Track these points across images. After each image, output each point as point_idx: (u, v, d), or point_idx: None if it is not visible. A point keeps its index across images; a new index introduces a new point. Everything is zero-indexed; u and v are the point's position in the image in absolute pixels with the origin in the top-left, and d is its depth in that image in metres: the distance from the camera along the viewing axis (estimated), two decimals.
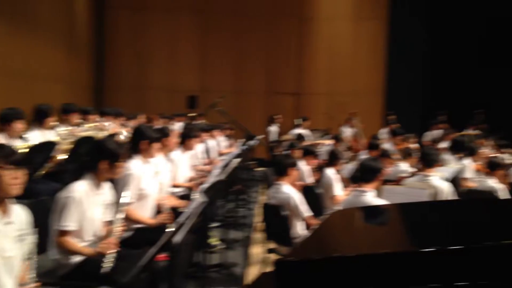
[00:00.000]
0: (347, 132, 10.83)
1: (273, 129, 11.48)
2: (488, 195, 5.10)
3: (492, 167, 5.27)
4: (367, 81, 13.33)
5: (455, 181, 6.43)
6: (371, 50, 13.35)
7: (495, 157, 5.75)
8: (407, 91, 13.22)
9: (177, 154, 5.13)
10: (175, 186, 4.97)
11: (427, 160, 4.80)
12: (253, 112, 12.54)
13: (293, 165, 4.39)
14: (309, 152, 5.94)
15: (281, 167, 4.34)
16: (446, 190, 4.58)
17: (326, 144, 9.25)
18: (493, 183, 5.19)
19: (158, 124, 7.93)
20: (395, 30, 13.20)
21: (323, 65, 13.00)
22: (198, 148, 6.24)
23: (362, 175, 3.75)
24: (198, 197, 2.85)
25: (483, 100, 12.09)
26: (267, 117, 11.90)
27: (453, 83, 13.24)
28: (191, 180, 5.23)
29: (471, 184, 5.90)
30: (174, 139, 4.91)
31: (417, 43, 13.25)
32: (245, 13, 12.54)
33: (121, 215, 3.10)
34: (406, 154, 6.04)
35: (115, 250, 2.90)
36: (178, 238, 2.53)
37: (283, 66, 12.83)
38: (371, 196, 3.65)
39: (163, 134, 4.55)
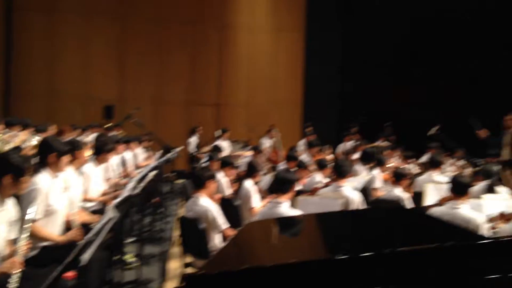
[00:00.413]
0: (267, 143, 11.03)
1: (193, 140, 11.41)
2: (394, 204, 5.42)
3: (397, 177, 5.59)
4: (287, 92, 13.66)
5: (366, 190, 6.78)
6: (290, 61, 13.73)
7: (401, 167, 6.12)
8: (324, 103, 13.73)
9: (89, 167, 4.93)
10: (87, 200, 4.77)
11: (340, 171, 5.01)
12: (173, 122, 12.36)
13: (211, 177, 4.38)
14: (227, 164, 5.96)
15: (199, 179, 4.32)
16: (356, 200, 4.81)
17: (246, 156, 9.36)
18: (399, 192, 5.51)
19: (71, 135, 7.56)
20: (312, 42, 13.68)
21: (243, 76, 13.15)
22: (113, 160, 6.05)
23: (277, 187, 3.83)
24: (108, 212, 2.75)
25: (392, 113, 12.88)
26: (188, 128, 11.81)
27: (365, 95, 13.97)
28: (104, 194, 5.04)
29: (380, 193, 6.23)
30: (86, 151, 4.71)
31: (333, 55, 13.85)
32: (165, 21, 12.36)
33: (26, 233, 2.92)
34: (321, 165, 6.26)
35: (20, 270, 2.76)
36: (86, 255, 2.44)
37: (203, 76, 12.78)
38: (285, 207, 3.74)
39: (74, 146, 4.35)
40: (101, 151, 5.13)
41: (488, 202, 4.45)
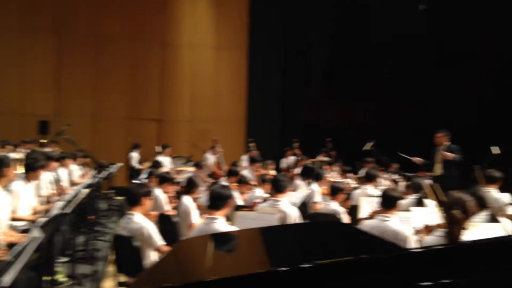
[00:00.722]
0: (211, 159, 11.02)
1: (135, 156, 11.22)
2: (331, 218, 5.56)
3: (333, 192, 5.75)
4: (230, 108, 13.74)
5: (305, 204, 6.92)
6: (233, 78, 13.84)
7: (337, 182, 6.29)
8: (267, 119, 13.91)
9: (19, 184, 4.73)
10: (16, 219, 4.56)
11: (277, 186, 5.08)
12: (113, 138, 12.09)
13: (146, 194, 4.31)
14: (165, 180, 5.90)
15: (134, 196, 4.24)
16: (293, 214, 4.89)
17: (188, 171, 9.30)
18: (335, 206, 5.66)
19: (1, 152, 7.22)
20: (255, 59, 13.87)
21: (186, 92, 13.11)
22: (45, 177, 5.83)
23: (212, 203, 3.84)
24: (33, 232, 2.65)
25: (334, 128, 13.27)
26: (129, 143, 11.60)
27: (307, 111, 14.32)
28: (35, 212, 4.84)
29: (318, 207, 6.37)
30: (14, 168, 4.52)
31: (275, 73, 14.10)
32: (105, 36, 12.16)
33: None
34: (261, 180, 6.32)
35: None
36: (7, 277, 2.34)
37: (145, 92, 12.63)
38: (220, 223, 3.74)
39: (1, 163, 4.17)
40: (31, 168, 4.93)
41: (416, 215, 4.67)
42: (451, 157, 7.45)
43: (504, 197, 6.10)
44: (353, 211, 6.16)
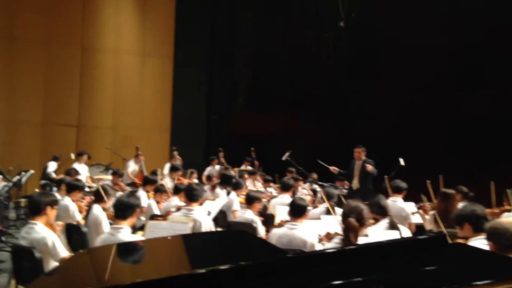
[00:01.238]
0: (132, 167, 10.77)
1: (51, 164, 10.71)
2: (247, 226, 5.63)
3: (249, 201, 5.83)
4: (154, 116, 13.52)
5: (224, 213, 6.96)
6: (159, 86, 13.64)
7: (253, 191, 6.38)
8: (193, 128, 13.86)
9: None
10: None
11: (191, 195, 5.08)
12: (28, 144, 11.48)
13: (51, 203, 4.13)
14: (73, 188, 5.68)
15: (37, 205, 4.05)
16: (207, 223, 4.90)
17: (106, 180, 9.03)
18: (251, 215, 5.74)
19: None
20: (181, 68, 13.77)
21: (108, 98, 12.74)
22: None
23: (119, 212, 3.76)
24: None
25: (256, 138, 13.47)
26: (44, 150, 11.08)
27: (233, 122, 14.45)
28: None
29: (236, 216, 6.43)
30: None
31: (201, 83, 14.10)
32: (20, 39, 11.54)
33: None
34: (177, 189, 6.28)
35: None
36: None
37: (63, 97, 12.10)
38: (125, 233, 3.67)
39: None
40: None
41: (324, 223, 4.85)
42: (373, 171, 7.80)
43: (409, 206, 6.50)
44: (270, 219, 6.29)
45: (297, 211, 4.26)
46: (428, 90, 19.54)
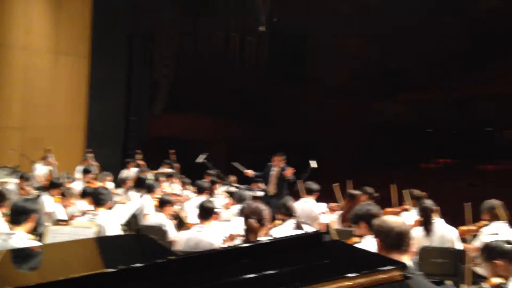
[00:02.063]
0: (40, 169, 10.22)
1: None
2: (157, 230, 5.54)
3: (161, 204, 5.74)
4: (68, 117, 12.92)
5: (136, 217, 6.81)
6: (73, 86, 13.04)
7: (166, 194, 6.31)
8: (109, 130, 13.41)
9: None
10: None
11: (98, 199, 4.91)
12: None
13: None
14: None
15: None
16: (111, 228, 4.75)
17: (11, 183, 8.50)
18: (162, 218, 5.66)
19: None
20: (98, 68, 13.28)
21: (17, 97, 11.97)
22: None
23: (12, 217, 3.56)
24: None
25: (177, 141, 13.34)
26: None
27: (152, 123, 14.19)
28: None
29: (148, 219, 6.31)
30: None
31: (118, 83, 13.69)
32: None
33: None
34: (85, 193, 6.05)
35: None
36: None
37: None
38: (19, 238, 3.48)
39: None
40: None
41: (234, 224, 4.89)
42: (291, 177, 7.93)
43: (320, 206, 6.74)
44: (182, 222, 6.25)
45: (205, 213, 4.26)
46: (347, 94, 20.45)
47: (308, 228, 4.65)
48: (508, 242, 2.90)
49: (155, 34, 14.40)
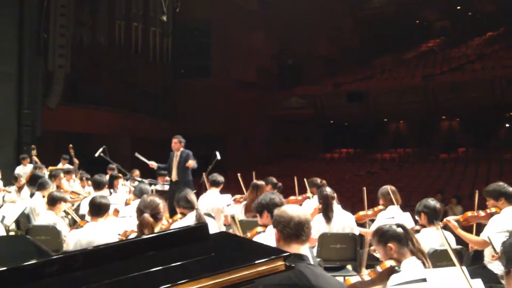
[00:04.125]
0: None
1: None
2: (48, 230, 5.13)
3: (52, 202, 5.32)
4: None
5: (29, 216, 6.28)
6: None
7: (57, 191, 5.86)
8: (1, 124, 12.37)
9: None
10: None
11: None
12: None
13: None
14: None
15: None
16: None
17: None
18: (52, 216, 5.25)
19: None
20: None
21: None
22: None
23: None
24: None
25: (76, 135, 12.60)
26: None
27: (49, 118, 13.25)
28: None
29: (37, 219, 5.84)
30: None
31: (8, 74, 12.61)
32: None
33: None
34: None
35: None
36: None
37: None
38: None
39: None
40: None
41: (133, 220, 4.64)
42: (192, 164, 7.71)
43: (225, 198, 6.66)
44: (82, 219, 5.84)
45: (97, 210, 3.97)
46: (252, 87, 20.69)
47: (210, 221, 4.53)
48: (400, 226, 2.99)
49: (49, 22, 13.40)
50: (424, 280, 2.54)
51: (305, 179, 6.35)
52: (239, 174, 6.85)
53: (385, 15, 23.56)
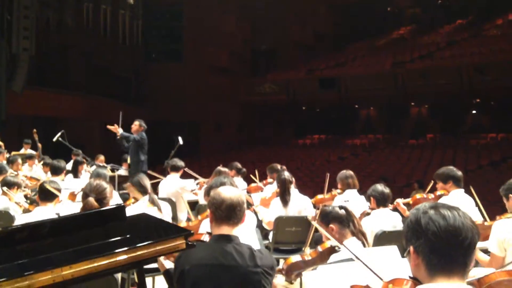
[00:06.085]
0: None
1: None
2: (2, 215, 5.04)
3: (5, 187, 5.22)
4: None
5: None
6: None
7: (12, 176, 5.75)
8: None
9: None
10: None
11: None
12: None
13: None
14: None
15: None
16: None
17: None
18: (6, 202, 5.16)
19: None
20: None
21: None
22: None
23: None
24: None
25: (39, 118, 12.33)
26: None
27: (9, 100, 12.95)
28: None
29: None
30: None
31: None
32: None
33: None
34: None
35: None
36: None
37: None
38: None
39: None
40: None
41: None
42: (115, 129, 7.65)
43: (188, 183, 6.65)
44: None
45: (45, 195, 3.92)
46: (225, 73, 20.56)
47: (165, 206, 4.53)
48: (342, 207, 3.03)
49: (12, 3, 13.01)
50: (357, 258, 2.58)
51: (267, 166, 6.39)
52: (256, 170, 6.76)
53: (358, 1, 23.63)
